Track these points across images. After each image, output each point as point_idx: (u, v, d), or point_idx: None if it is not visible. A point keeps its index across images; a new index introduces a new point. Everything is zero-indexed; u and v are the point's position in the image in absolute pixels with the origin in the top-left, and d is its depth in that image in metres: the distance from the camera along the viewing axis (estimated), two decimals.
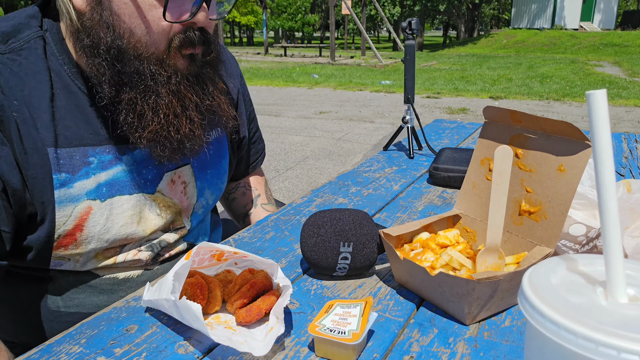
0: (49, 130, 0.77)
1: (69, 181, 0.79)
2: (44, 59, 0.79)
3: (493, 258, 0.69)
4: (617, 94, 9.08)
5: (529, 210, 0.74)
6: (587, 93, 0.37)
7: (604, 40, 22.08)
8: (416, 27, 1.44)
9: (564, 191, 0.70)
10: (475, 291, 0.63)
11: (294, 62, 17.56)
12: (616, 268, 0.36)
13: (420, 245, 0.77)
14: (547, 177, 0.72)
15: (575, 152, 0.69)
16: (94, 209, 0.82)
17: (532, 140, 0.74)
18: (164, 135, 0.81)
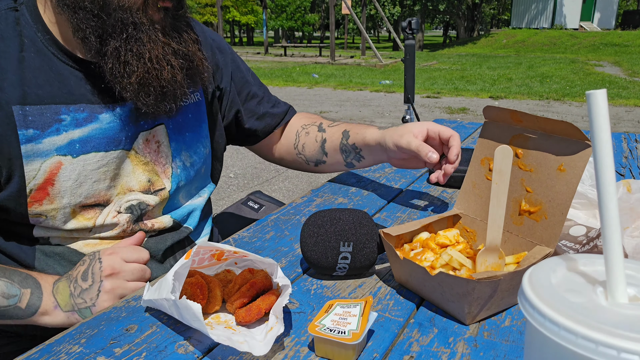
0: (16, 88, 0.81)
1: (38, 137, 0.82)
2: (14, 27, 0.83)
3: (493, 258, 0.69)
4: (617, 94, 9.08)
5: (529, 210, 0.74)
6: (587, 93, 0.38)
7: (604, 40, 22.08)
8: (416, 26, 1.44)
9: (564, 191, 0.70)
10: (475, 291, 0.62)
11: (294, 61, 17.56)
12: (616, 268, 0.36)
13: (420, 245, 0.77)
14: (547, 177, 0.72)
15: (575, 152, 0.69)
16: (64, 164, 0.85)
17: (532, 140, 0.74)
18: (149, 81, 0.84)
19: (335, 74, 13.15)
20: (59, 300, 0.79)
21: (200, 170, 1.05)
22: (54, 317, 0.79)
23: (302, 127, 1.20)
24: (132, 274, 0.83)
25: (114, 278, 0.81)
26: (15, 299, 0.76)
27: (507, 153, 0.66)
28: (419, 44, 26.63)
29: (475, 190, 0.83)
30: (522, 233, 0.75)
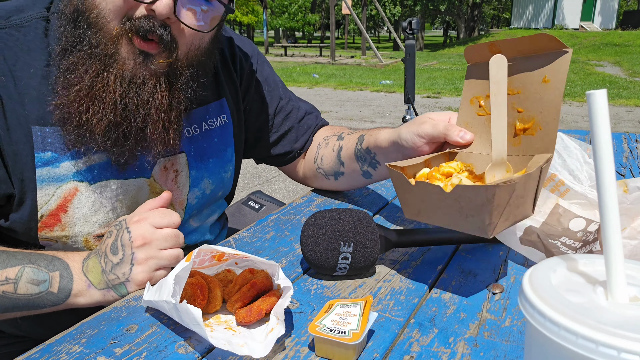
0: (37, 107, 0.76)
1: (55, 160, 0.78)
2: (43, 39, 0.78)
3: (501, 172, 0.70)
4: (618, 94, 9.08)
5: (524, 127, 0.75)
6: (588, 93, 0.38)
7: (605, 40, 22.07)
8: (416, 26, 1.44)
9: (552, 98, 0.71)
10: (495, 197, 0.61)
11: (294, 61, 17.56)
12: (616, 268, 0.37)
13: (425, 178, 0.77)
14: (534, 92, 0.73)
15: (553, 61, 0.71)
16: (80, 190, 0.81)
17: (513, 66, 0.75)
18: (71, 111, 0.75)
19: (336, 74, 13.15)
20: (91, 278, 0.74)
21: (217, 194, 1.02)
22: (89, 297, 0.74)
23: (324, 139, 1.11)
24: (166, 240, 0.75)
25: (146, 248, 0.74)
26: (46, 284, 0.71)
27: (502, 62, 0.68)
28: (419, 45, 26.62)
29: (469, 129, 0.84)
30: (521, 152, 0.76)
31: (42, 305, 0.72)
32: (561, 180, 0.85)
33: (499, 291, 0.72)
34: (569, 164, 0.87)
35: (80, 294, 0.74)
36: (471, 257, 0.83)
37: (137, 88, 0.76)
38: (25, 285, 0.71)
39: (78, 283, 0.73)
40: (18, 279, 0.70)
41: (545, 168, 0.69)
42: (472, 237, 0.85)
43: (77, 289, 0.73)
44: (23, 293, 0.70)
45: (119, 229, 0.76)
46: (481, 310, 0.68)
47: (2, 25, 0.77)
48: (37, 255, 0.74)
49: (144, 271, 0.73)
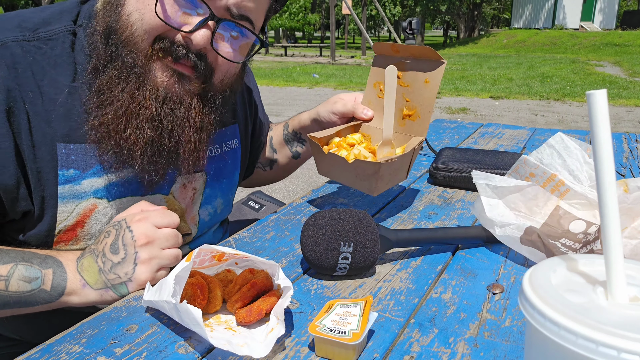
0: (63, 124, 0.76)
1: (77, 178, 0.78)
2: (70, 53, 0.78)
3: (388, 149, 0.98)
4: (618, 94, 9.08)
5: (409, 113, 1.02)
6: (588, 93, 0.37)
7: (605, 40, 22.06)
8: (416, 26, 1.44)
9: (429, 96, 0.98)
10: (380, 170, 0.88)
11: (294, 61, 17.56)
12: (616, 268, 0.36)
13: (335, 145, 1.02)
14: (418, 88, 0.99)
15: (434, 69, 0.96)
16: (98, 207, 0.81)
17: (407, 64, 1.00)
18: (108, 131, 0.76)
19: (336, 74, 13.15)
20: (86, 278, 0.73)
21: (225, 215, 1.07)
22: (84, 297, 0.73)
23: None
24: (167, 240, 0.75)
25: (149, 247, 0.73)
26: (38, 281, 0.70)
27: (394, 71, 0.94)
28: (419, 44, 26.62)
29: (371, 106, 1.08)
30: (404, 131, 1.03)
31: (34, 303, 0.71)
32: (561, 180, 0.85)
33: (499, 291, 0.72)
34: (569, 164, 0.87)
35: (74, 293, 0.73)
36: (471, 257, 0.83)
37: (172, 105, 0.78)
38: (17, 283, 0.69)
39: (72, 282, 0.73)
40: (10, 276, 0.69)
41: (417, 149, 0.97)
42: (473, 237, 0.85)
43: (71, 288, 0.72)
44: (15, 290, 0.69)
45: (119, 229, 0.75)
46: (481, 311, 0.68)
47: (31, 37, 0.76)
48: (31, 254, 0.73)
49: (147, 271, 0.73)
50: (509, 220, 0.82)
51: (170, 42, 0.75)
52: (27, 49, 0.75)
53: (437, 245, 0.87)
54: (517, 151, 1.52)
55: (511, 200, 0.85)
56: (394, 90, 0.94)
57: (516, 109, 8.05)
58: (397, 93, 1.02)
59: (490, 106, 8.36)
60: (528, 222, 0.82)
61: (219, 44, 0.79)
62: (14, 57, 0.74)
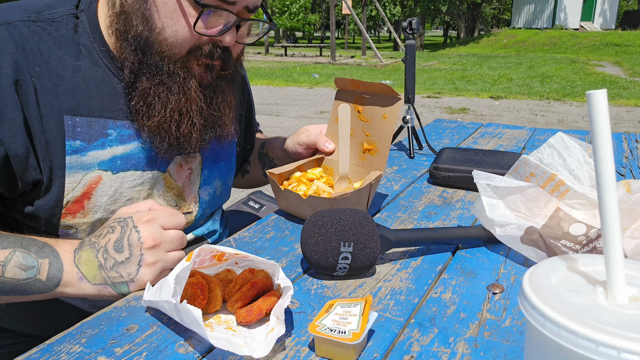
0: (69, 98, 0.80)
1: (83, 149, 0.81)
2: (74, 34, 0.82)
3: (345, 184, 1.02)
4: (618, 94, 9.08)
5: (369, 148, 1.04)
6: (588, 93, 0.37)
7: (605, 40, 22.06)
8: (416, 26, 1.44)
9: (387, 131, 1.01)
10: (334, 205, 0.90)
11: (294, 61, 17.56)
12: (616, 268, 0.36)
13: (295, 180, 1.04)
14: (377, 123, 1.02)
15: (391, 104, 0.99)
16: (103, 179, 0.84)
17: (366, 99, 1.04)
18: (165, 129, 0.84)
19: (336, 74, 13.15)
20: (84, 271, 0.73)
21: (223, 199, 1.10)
22: (80, 289, 0.73)
23: None
24: (172, 242, 0.77)
25: (155, 250, 0.74)
26: (34, 270, 0.71)
27: (346, 109, 0.99)
28: (420, 43, 26.61)
29: (334, 140, 1.11)
30: (365, 165, 1.05)
31: (29, 292, 0.71)
32: (561, 180, 0.85)
33: (499, 291, 0.72)
34: (569, 164, 0.87)
35: (69, 285, 0.73)
36: (471, 257, 0.83)
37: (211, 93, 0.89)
38: (13, 269, 0.70)
39: (68, 274, 0.73)
40: (7, 262, 0.70)
41: (374, 183, 0.97)
42: (473, 237, 0.85)
43: (67, 280, 0.73)
44: (10, 277, 0.70)
45: (125, 227, 0.75)
46: (481, 310, 0.68)
47: (36, 19, 0.80)
48: (29, 240, 0.74)
49: (150, 273, 0.74)
50: (510, 220, 0.82)
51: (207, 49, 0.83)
52: (33, 29, 0.79)
53: (437, 245, 0.87)
54: (517, 151, 1.52)
55: (512, 200, 0.85)
56: (348, 128, 1.00)
57: (516, 109, 8.05)
58: (357, 127, 1.06)
59: (490, 106, 8.36)
60: (528, 223, 0.82)
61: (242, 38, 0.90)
62: (22, 35, 0.78)
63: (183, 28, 0.80)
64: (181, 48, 0.81)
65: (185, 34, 0.80)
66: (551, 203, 0.85)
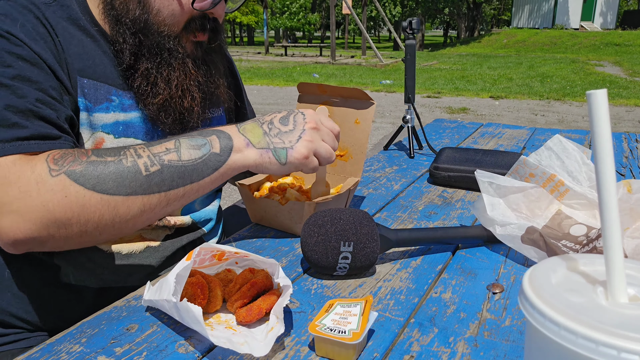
0: (79, 61, 0.83)
1: (91, 109, 0.85)
2: (70, 15, 0.86)
3: (322, 188, 0.94)
4: (618, 94, 9.08)
5: (340, 154, 1.01)
6: (588, 93, 0.37)
7: (605, 39, 22.06)
8: (417, 26, 1.44)
9: (360, 137, 0.97)
10: (316, 210, 0.86)
11: (294, 61, 17.55)
12: (616, 268, 0.36)
13: (267, 190, 0.99)
14: (349, 129, 0.99)
15: (364, 108, 0.96)
16: (106, 141, 0.86)
17: (335, 103, 1.00)
18: (171, 105, 0.89)
19: (336, 73, 13.15)
20: (250, 137, 0.79)
21: None
22: (246, 155, 0.79)
23: None
24: (328, 135, 0.83)
25: (315, 131, 0.81)
26: (207, 146, 0.76)
27: (324, 111, 0.92)
28: (419, 42, 26.61)
29: None
30: (337, 172, 1.03)
31: (206, 171, 0.76)
32: (561, 181, 0.85)
33: (499, 291, 0.72)
34: (567, 166, 0.87)
35: (239, 151, 0.78)
36: (471, 256, 0.83)
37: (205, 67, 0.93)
38: (187, 152, 0.74)
39: (238, 141, 0.78)
40: (178, 147, 0.74)
41: (352, 190, 0.96)
42: (473, 237, 0.85)
43: (237, 146, 0.78)
44: (187, 159, 0.74)
45: (291, 111, 0.84)
46: (481, 310, 0.68)
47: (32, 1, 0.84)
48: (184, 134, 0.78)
49: (307, 148, 0.80)
50: (510, 220, 0.82)
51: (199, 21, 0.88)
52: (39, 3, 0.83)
53: (437, 244, 0.87)
54: (517, 151, 1.52)
55: (513, 201, 0.85)
56: None
57: (516, 108, 8.05)
58: None
59: (490, 106, 8.36)
60: (529, 223, 0.82)
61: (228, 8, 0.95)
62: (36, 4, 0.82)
63: (178, 7, 0.85)
64: (178, 25, 0.87)
65: (180, 12, 0.85)
66: (553, 205, 0.85)
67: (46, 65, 0.78)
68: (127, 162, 0.71)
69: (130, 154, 0.72)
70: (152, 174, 0.72)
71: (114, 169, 0.70)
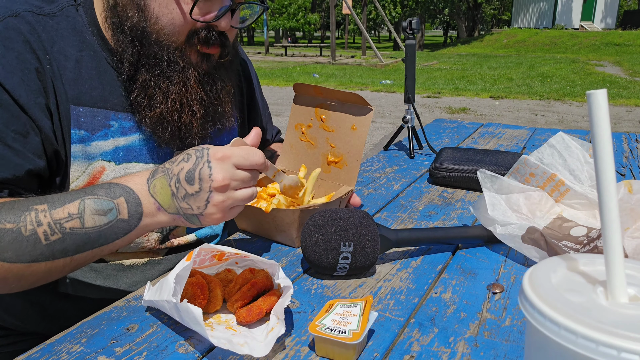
0: (74, 88, 0.81)
1: (87, 139, 0.83)
2: (74, 27, 0.84)
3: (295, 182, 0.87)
4: (618, 94, 9.07)
5: (334, 160, 0.97)
6: (588, 93, 0.37)
7: (605, 39, 22.05)
8: (417, 26, 1.44)
9: (357, 143, 0.93)
10: (299, 217, 0.82)
11: (294, 61, 17.55)
12: (616, 267, 0.36)
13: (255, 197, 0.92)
14: (344, 135, 0.95)
15: (362, 114, 0.92)
16: (107, 170, 0.85)
17: (332, 107, 0.97)
18: (167, 119, 0.86)
19: (336, 73, 13.15)
20: (160, 200, 0.72)
21: None
22: (157, 219, 0.73)
23: None
24: (243, 182, 0.74)
25: (224, 189, 0.71)
26: (114, 212, 0.69)
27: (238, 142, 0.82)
28: (420, 42, 26.61)
29: (292, 150, 1.04)
30: (330, 179, 0.98)
31: (113, 236, 0.70)
32: (561, 180, 0.85)
33: (499, 291, 0.72)
34: (569, 164, 0.87)
35: (150, 215, 0.72)
36: (471, 256, 0.83)
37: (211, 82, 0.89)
38: (91, 218, 0.68)
39: (147, 205, 0.72)
40: (82, 212, 0.68)
41: (344, 199, 0.92)
42: (473, 237, 0.85)
43: (147, 211, 0.72)
44: (91, 226, 0.68)
45: (200, 158, 0.72)
46: (481, 310, 0.68)
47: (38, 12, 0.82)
48: (90, 187, 0.71)
49: (219, 211, 0.72)
50: (511, 220, 0.82)
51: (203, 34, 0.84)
52: (37, 20, 0.81)
53: (437, 244, 0.87)
54: (517, 151, 1.52)
55: (514, 202, 0.85)
56: None
57: (516, 108, 8.05)
58: (320, 137, 0.99)
59: (490, 106, 8.36)
60: (530, 223, 0.82)
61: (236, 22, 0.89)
62: (31, 24, 0.79)
63: (178, 15, 0.81)
64: (179, 36, 0.83)
65: (181, 21, 0.81)
66: (554, 209, 0.85)
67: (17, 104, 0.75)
68: (25, 230, 0.65)
69: (30, 221, 0.65)
70: (54, 242, 0.66)
71: (11, 238, 0.64)
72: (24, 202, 0.68)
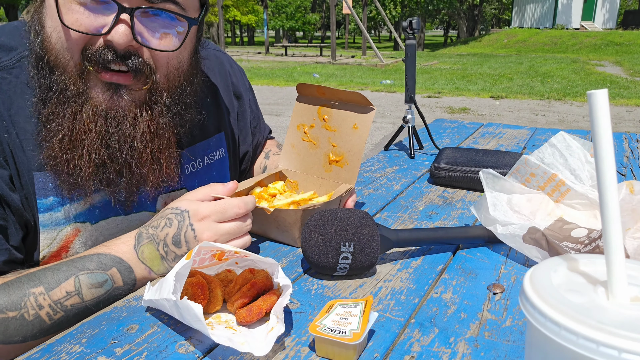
0: (36, 153, 0.74)
1: (57, 205, 0.78)
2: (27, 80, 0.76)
3: None
4: (618, 94, 9.07)
5: (335, 159, 0.98)
6: (588, 93, 0.37)
7: (605, 39, 22.04)
8: (417, 26, 1.44)
9: (358, 143, 0.94)
10: (302, 217, 0.82)
11: (294, 61, 17.55)
12: (617, 268, 0.36)
13: (256, 197, 0.92)
14: (346, 134, 0.96)
15: (364, 113, 0.93)
16: (82, 231, 0.81)
17: (334, 106, 0.97)
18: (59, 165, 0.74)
19: (336, 73, 13.15)
20: (150, 265, 0.73)
21: None
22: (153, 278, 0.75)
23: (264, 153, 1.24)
24: (229, 234, 0.74)
25: None
26: (109, 282, 0.70)
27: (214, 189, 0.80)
28: (420, 41, 26.61)
29: (294, 150, 1.04)
30: (331, 178, 0.98)
31: (113, 300, 0.71)
32: (562, 180, 0.85)
33: (499, 291, 0.72)
34: (570, 163, 0.87)
35: (144, 278, 0.74)
36: (472, 257, 0.83)
37: (115, 123, 0.74)
38: (89, 292, 0.69)
39: (138, 272, 0.73)
40: (79, 289, 0.68)
41: (344, 197, 0.92)
42: (473, 237, 0.85)
43: (140, 277, 0.73)
44: (90, 298, 0.69)
45: (182, 222, 0.73)
46: (482, 310, 0.68)
47: None
48: (79, 260, 0.70)
49: None
50: (512, 220, 0.82)
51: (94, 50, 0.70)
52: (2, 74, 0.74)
53: (437, 245, 0.87)
54: (518, 151, 1.52)
55: (515, 203, 0.85)
56: None
57: (517, 108, 8.04)
58: (322, 137, 0.99)
59: (490, 106, 8.35)
60: (531, 224, 0.82)
61: (144, 37, 0.72)
62: None
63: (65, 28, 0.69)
64: (69, 54, 0.70)
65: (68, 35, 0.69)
66: (555, 212, 0.85)
67: None
68: (29, 316, 0.65)
69: (32, 306, 0.65)
70: (57, 320, 0.67)
71: (16, 325, 0.64)
72: (17, 284, 0.67)
